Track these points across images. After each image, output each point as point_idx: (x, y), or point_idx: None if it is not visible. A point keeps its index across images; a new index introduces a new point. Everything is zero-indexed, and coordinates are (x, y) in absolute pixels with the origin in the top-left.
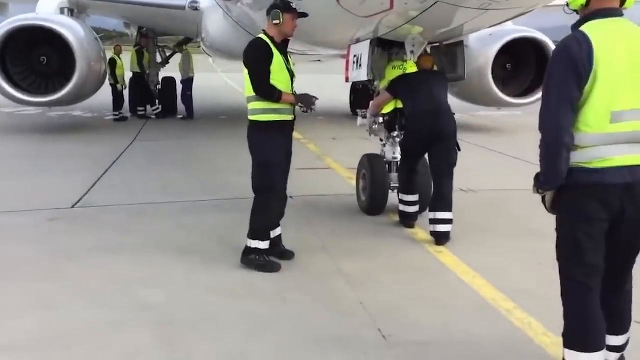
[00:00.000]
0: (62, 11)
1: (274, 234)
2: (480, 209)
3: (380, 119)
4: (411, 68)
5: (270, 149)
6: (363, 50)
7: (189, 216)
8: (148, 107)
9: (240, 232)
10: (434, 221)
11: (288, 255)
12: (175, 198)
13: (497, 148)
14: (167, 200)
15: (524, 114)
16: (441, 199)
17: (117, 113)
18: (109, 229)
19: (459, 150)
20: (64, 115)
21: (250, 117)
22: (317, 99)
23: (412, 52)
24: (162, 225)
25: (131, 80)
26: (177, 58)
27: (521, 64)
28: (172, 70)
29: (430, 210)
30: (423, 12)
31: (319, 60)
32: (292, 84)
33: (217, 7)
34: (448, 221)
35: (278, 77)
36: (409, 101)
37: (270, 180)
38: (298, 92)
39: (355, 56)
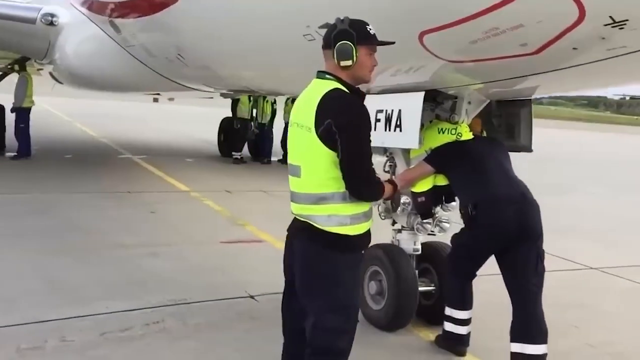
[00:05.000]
0: None
1: None
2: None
3: (404, 199)
4: (467, 134)
5: (357, 280)
6: (408, 104)
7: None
8: None
9: None
10: (521, 357)
11: None
12: (81, 309)
13: None
14: (69, 313)
15: None
16: (533, 325)
17: None
18: None
19: None
20: None
21: (328, 229)
22: None
23: (466, 111)
24: None
25: None
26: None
27: None
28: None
29: (514, 340)
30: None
31: (212, 97)
32: None
33: (88, 23)
34: (542, 358)
35: None
36: (476, 182)
37: (351, 336)
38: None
39: (385, 112)
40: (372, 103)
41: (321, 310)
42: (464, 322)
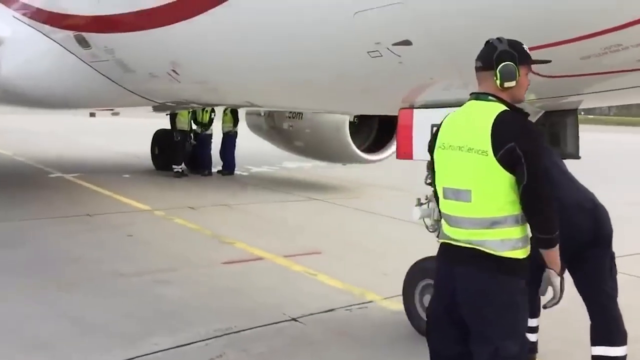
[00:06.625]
0: None
1: None
2: None
3: None
4: None
5: (527, 304)
6: None
7: None
8: None
9: None
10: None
11: None
12: (132, 350)
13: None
14: (123, 355)
15: (363, 169)
16: (614, 328)
17: None
18: None
19: None
20: None
21: (500, 253)
22: None
23: None
24: None
25: None
26: None
27: (365, 117)
28: None
29: (596, 344)
30: None
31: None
32: None
33: (39, 38)
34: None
35: None
36: None
37: None
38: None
39: (432, 125)
40: (428, 117)
41: (500, 337)
42: (534, 330)
